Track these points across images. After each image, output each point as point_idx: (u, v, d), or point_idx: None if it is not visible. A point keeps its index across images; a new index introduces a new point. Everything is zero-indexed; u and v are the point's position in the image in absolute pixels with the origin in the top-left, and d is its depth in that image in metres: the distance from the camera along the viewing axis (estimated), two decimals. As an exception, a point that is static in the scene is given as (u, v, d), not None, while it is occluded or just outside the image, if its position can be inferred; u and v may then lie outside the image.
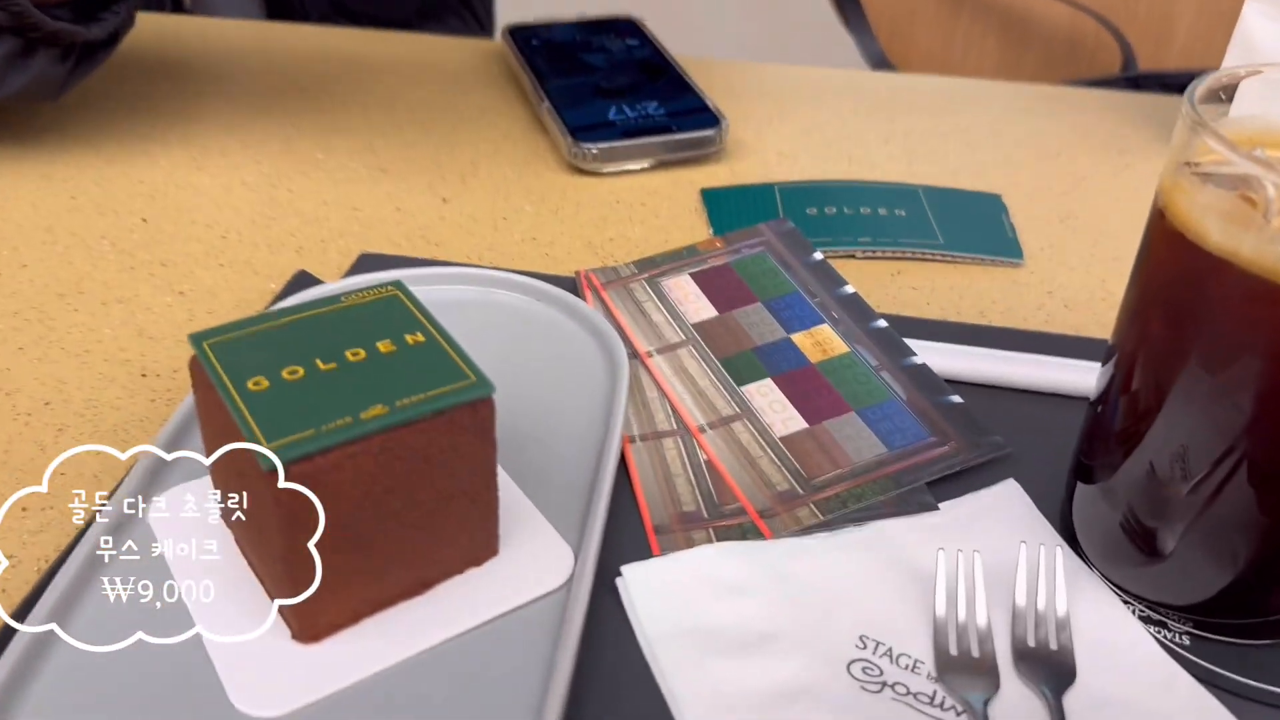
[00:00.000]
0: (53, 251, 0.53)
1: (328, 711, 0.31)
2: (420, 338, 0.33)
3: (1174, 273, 0.33)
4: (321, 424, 0.29)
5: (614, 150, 0.62)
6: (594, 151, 0.61)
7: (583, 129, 0.62)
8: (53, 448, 0.42)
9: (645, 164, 0.63)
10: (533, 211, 0.59)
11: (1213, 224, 0.30)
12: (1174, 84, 0.87)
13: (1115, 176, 0.64)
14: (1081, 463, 0.38)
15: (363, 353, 0.32)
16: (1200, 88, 0.32)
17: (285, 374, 0.31)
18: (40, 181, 0.58)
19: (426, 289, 0.47)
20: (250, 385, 0.31)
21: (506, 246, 0.55)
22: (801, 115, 0.70)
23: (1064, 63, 1.15)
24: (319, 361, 0.32)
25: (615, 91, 0.67)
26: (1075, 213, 0.61)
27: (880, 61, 1.17)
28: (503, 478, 0.38)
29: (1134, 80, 0.96)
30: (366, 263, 0.52)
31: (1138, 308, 0.35)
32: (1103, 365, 0.37)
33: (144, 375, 0.46)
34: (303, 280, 0.50)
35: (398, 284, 0.35)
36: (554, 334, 0.46)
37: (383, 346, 0.33)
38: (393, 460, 0.30)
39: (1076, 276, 0.55)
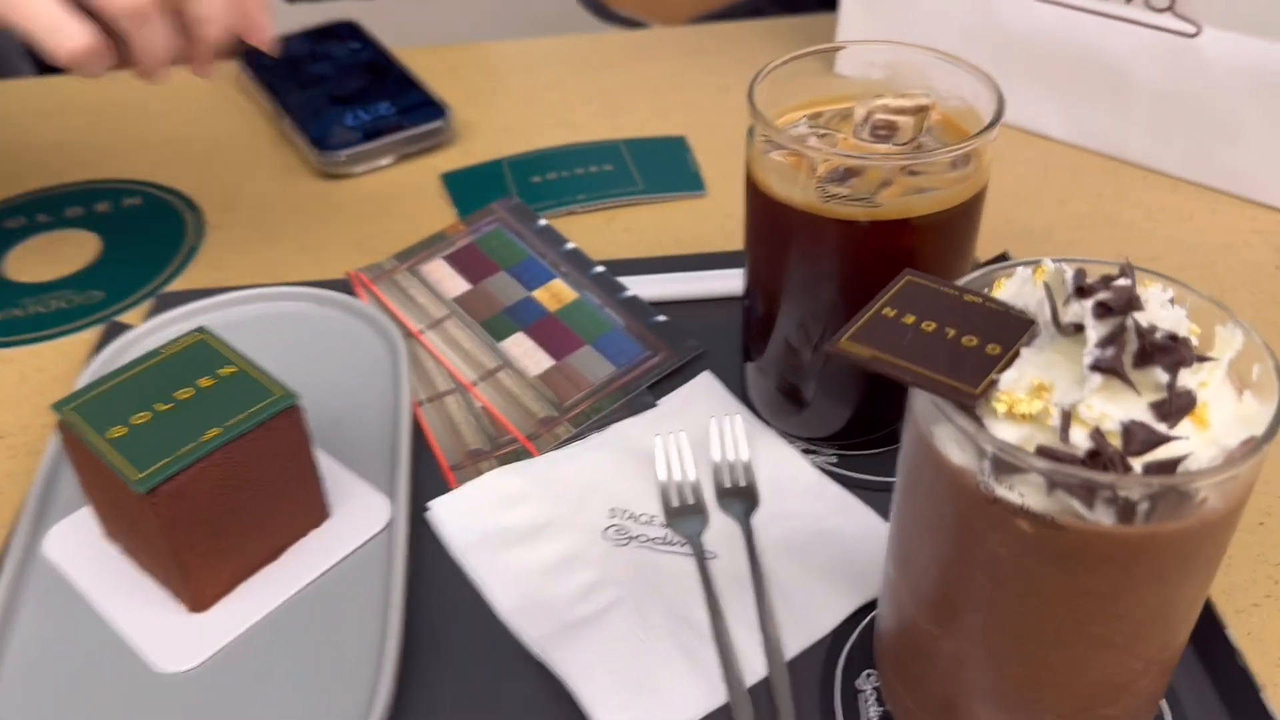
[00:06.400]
0: None
1: (225, 659, 0.42)
2: (231, 370, 0.43)
3: (758, 209, 0.47)
4: (174, 451, 0.39)
5: (357, 154, 0.71)
6: (341, 158, 0.70)
7: (324, 139, 0.71)
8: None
9: (388, 160, 0.72)
10: (298, 223, 0.68)
11: (774, 180, 0.44)
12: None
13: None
14: (745, 347, 0.53)
15: (191, 391, 0.42)
16: (758, 85, 0.45)
17: (135, 420, 0.41)
18: None
19: (222, 314, 0.57)
20: (111, 434, 0.40)
21: (282, 259, 0.64)
22: (518, 89, 0.81)
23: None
24: (158, 405, 0.41)
25: (347, 98, 0.75)
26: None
27: (594, 5, 1.28)
28: (324, 457, 0.49)
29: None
30: (165, 300, 0.60)
31: (750, 231, 0.48)
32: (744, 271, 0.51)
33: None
34: (113, 329, 0.57)
35: (202, 329, 0.45)
36: (338, 330, 0.56)
37: (203, 383, 0.43)
38: (233, 466, 0.41)
39: (750, 195, 0.69)
